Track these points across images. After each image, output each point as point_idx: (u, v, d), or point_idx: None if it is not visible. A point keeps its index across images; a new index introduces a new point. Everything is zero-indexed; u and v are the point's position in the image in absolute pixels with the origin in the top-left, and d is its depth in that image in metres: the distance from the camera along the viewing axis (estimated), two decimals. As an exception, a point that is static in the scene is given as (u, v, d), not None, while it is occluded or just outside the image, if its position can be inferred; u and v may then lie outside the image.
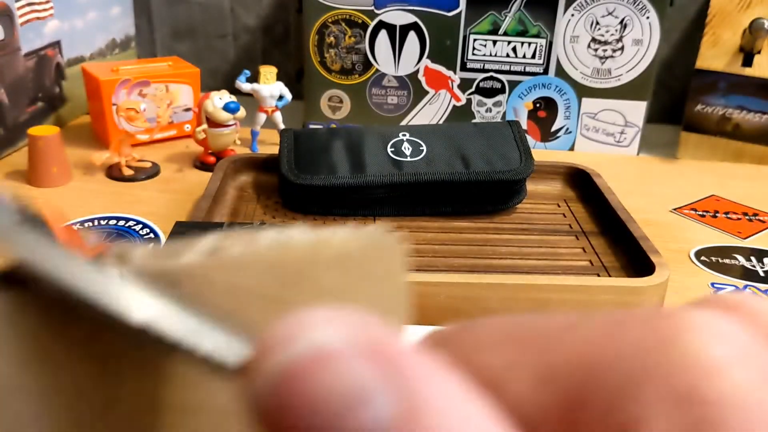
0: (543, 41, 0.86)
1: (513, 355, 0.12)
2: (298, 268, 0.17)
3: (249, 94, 0.83)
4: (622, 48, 0.85)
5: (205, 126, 0.76)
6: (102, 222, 0.65)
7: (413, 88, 0.89)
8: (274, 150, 0.71)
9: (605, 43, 0.85)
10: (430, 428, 0.10)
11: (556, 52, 0.86)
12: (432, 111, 0.90)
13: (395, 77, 0.89)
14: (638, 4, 0.83)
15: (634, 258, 0.57)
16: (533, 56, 0.87)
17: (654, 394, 0.11)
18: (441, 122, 0.90)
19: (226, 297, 0.16)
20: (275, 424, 0.10)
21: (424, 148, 0.67)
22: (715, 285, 0.59)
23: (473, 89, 0.89)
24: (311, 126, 0.91)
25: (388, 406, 0.10)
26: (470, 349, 0.13)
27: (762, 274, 0.62)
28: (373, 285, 0.20)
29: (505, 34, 0.86)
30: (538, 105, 0.89)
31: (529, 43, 0.86)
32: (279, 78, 0.83)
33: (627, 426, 0.11)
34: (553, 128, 0.90)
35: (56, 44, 0.87)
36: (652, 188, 0.79)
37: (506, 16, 0.85)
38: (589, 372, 0.12)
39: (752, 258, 0.64)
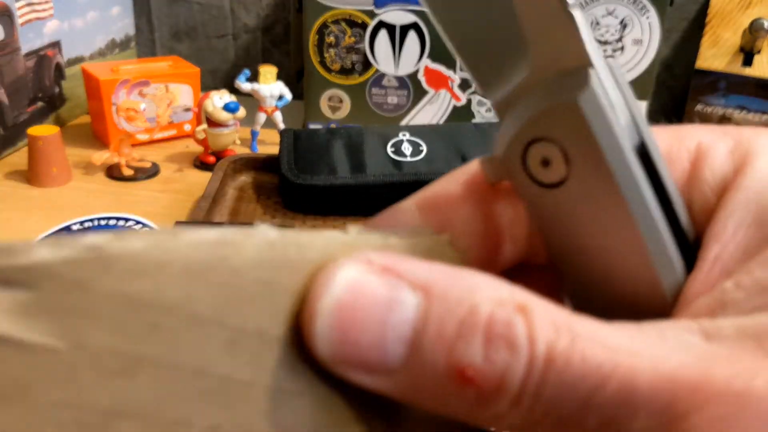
0: (543, 41, 0.86)
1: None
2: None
3: (249, 94, 0.83)
4: (622, 48, 0.85)
5: (205, 126, 0.76)
6: (102, 222, 0.65)
7: (413, 88, 0.89)
8: (274, 150, 0.71)
9: (605, 43, 0.85)
10: (445, 299, 0.12)
11: (556, 52, 0.86)
12: (432, 111, 0.90)
13: (395, 77, 0.89)
14: (638, 4, 0.83)
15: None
16: (533, 56, 0.87)
17: (734, 212, 0.14)
18: (441, 122, 0.90)
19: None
20: (342, 348, 0.12)
21: (424, 148, 0.67)
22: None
23: (473, 89, 0.89)
24: (311, 126, 0.91)
25: (412, 297, 0.12)
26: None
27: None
28: None
29: (505, 34, 0.86)
30: (538, 105, 0.89)
31: (529, 43, 0.86)
32: (279, 78, 0.83)
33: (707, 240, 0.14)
34: (553, 128, 0.90)
35: (56, 44, 0.87)
36: (652, 188, 0.79)
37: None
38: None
39: (752, 258, 0.64)
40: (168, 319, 0.11)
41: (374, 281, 0.12)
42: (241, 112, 0.76)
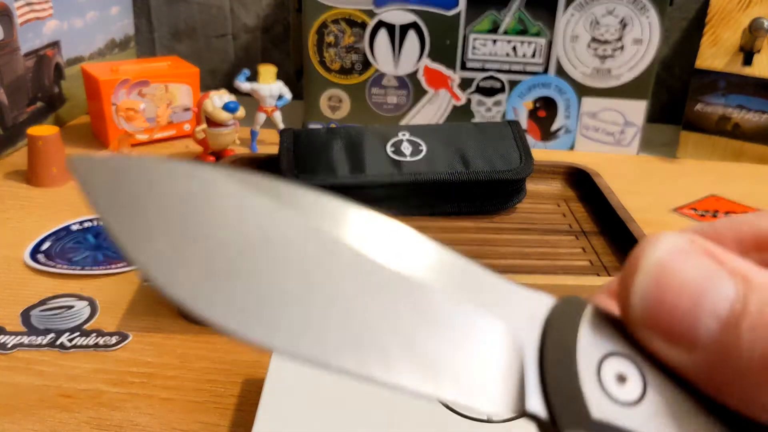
0: (543, 41, 0.86)
1: None
2: None
3: (248, 94, 0.83)
4: (622, 47, 0.85)
5: (204, 126, 0.76)
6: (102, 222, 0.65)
7: (413, 88, 0.89)
8: (274, 150, 0.71)
9: (605, 42, 0.85)
10: (766, 291, 0.12)
11: (556, 52, 0.86)
12: (432, 111, 0.90)
13: (395, 77, 0.89)
14: (638, 4, 0.83)
15: (634, 258, 0.57)
16: (533, 56, 0.87)
17: None
18: (441, 122, 0.90)
19: None
20: (655, 308, 0.13)
21: (424, 147, 0.67)
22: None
23: (473, 89, 0.89)
24: (311, 126, 0.91)
25: (730, 281, 0.12)
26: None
27: (762, 273, 0.61)
28: None
29: (505, 33, 0.86)
30: (538, 104, 0.89)
31: (529, 43, 0.86)
32: (278, 77, 0.83)
33: None
34: (553, 128, 0.90)
35: (55, 44, 0.87)
36: (652, 188, 0.79)
37: (506, 16, 0.85)
38: None
39: (752, 258, 0.64)
40: None
41: (696, 255, 0.13)
42: (241, 112, 0.76)
